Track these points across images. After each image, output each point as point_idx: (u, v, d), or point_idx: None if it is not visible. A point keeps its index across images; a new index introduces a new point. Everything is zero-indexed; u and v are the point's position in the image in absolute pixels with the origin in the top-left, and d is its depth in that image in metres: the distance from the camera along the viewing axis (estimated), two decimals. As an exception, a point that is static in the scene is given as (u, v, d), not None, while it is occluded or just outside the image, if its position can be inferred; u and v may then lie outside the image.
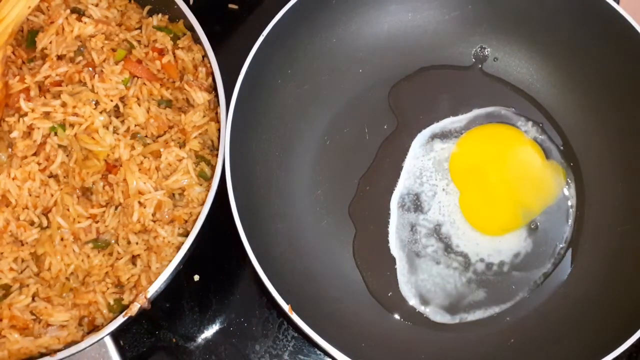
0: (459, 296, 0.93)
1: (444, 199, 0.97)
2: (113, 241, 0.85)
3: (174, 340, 0.94)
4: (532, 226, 0.96)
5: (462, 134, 1.01)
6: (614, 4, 0.92)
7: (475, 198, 0.97)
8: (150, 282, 0.82)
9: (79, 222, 0.83)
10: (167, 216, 0.85)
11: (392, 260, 0.95)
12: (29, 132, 0.84)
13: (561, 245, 0.95)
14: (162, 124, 0.88)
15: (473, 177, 0.98)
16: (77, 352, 0.79)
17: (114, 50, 0.88)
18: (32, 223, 0.83)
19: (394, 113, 1.02)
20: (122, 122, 0.86)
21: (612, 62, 0.95)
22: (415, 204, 0.97)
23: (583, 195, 0.97)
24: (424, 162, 0.99)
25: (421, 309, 0.93)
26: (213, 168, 0.87)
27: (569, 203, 0.97)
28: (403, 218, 0.97)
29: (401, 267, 0.95)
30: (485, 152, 1.00)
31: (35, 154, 0.84)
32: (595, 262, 0.93)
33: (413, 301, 0.93)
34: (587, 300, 0.90)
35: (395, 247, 0.96)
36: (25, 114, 0.83)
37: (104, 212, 0.85)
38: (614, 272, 0.90)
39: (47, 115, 0.83)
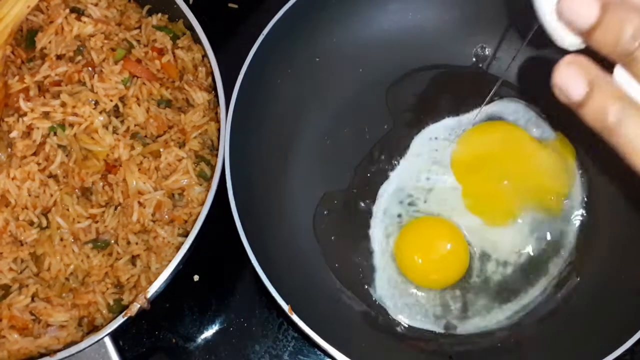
0: (460, 295, 0.93)
1: (443, 197, 0.97)
2: (113, 241, 0.84)
3: (174, 340, 0.94)
4: (535, 226, 0.95)
5: (462, 133, 1.00)
6: (615, 4, 0.92)
7: (478, 192, 0.97)
8: (150, 283, 0.81)
9: (78, 222, 0.83)
10: (166, 216, 0.85)
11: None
12: (28, 132, 0.84)
13: (564, 246, 0.94)
14: (161, 124, 0.88)
15: (476, 173, 0.98)
16: (76, 353, 0.79)
17: (113, 49, 0.88)
18: (31, 223, 0.83)
19: (394, 112, 1.02)
20: (122, 122, 0.86)
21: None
22: (415, 202, 0.97)
23: (586, 195, 0.97)
24: (425, 162, 0.99)
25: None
26: (213, 168, 0.87)
27: (573, 204, 0.96)
28: (402, 215, 0.96)
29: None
30: (487, 148, 0.99)
31: (34, 154, 0.84)
32: (599, 264, 0.92)
33: (413, 301, 0.93)
34: (588, 301, 0.90)
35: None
36: (25, 114, 0.83)
37: (103, 212, 0.84)
38: (617, 273, 0.90)
39: (46, 115, 0.83)
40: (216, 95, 0.90)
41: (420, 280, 0.92)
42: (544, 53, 1.03)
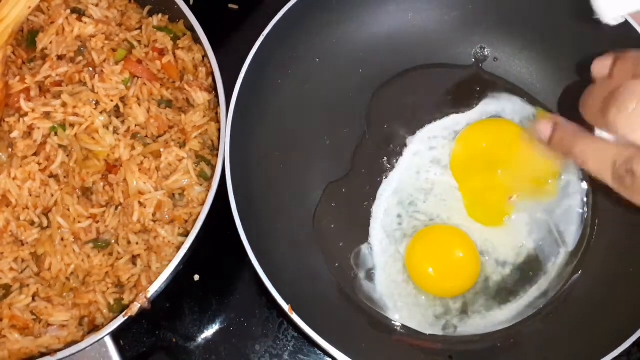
0: (460, 296, 0.93)
1: (443, 197, 0.97)
2: (113, 241, 0.85)
3: (174, 340, 0.94)
4: (534, 226, 0.95)
5: (461, 131, 1.00)
6: (615, 4, 0.92)
7: (476, 191, 0.97)
8: (151, 282, 0.82)
9: (79, 222, 0.83)
10: (167, 216, 0.85)
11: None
12: (29, 132, 0.84)
13: (563, 247, 0.94)
14: (162, 124, 0.88)
15: (474, 171, 0.98)
16: (77, 352, 0.79)
17: (114, 50, 0.88)
18: (32, 223, 0.83)
19: (394, 112, 1.02)
20: (123, 122, 0.87)
21: (613, 63, 0.95)
22: (415, 202, 0.97)
23: (586, 194, 0.97)
24: (424, 161, 0.99)
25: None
26: (213, 168, 0.87)
27: (573, 203, 0.96)
28: (401, 216, 0.96)
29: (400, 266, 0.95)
30: (485, 145, 0.99)
31: (35, 154, 0.84)
32: (599, 264, 0.92)
33: (413, 301, 0.93)
34: (590, 301, 0.90)
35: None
36: (26, 114, 0.83)
37: (104, 212, 0.85)
38: (619, 274, 0.89)
39: (47, 115, 0.83)
40: (216, 96, 0.90)
41: (434, 290, 0.92)
42: (544, 54, 1.03)
